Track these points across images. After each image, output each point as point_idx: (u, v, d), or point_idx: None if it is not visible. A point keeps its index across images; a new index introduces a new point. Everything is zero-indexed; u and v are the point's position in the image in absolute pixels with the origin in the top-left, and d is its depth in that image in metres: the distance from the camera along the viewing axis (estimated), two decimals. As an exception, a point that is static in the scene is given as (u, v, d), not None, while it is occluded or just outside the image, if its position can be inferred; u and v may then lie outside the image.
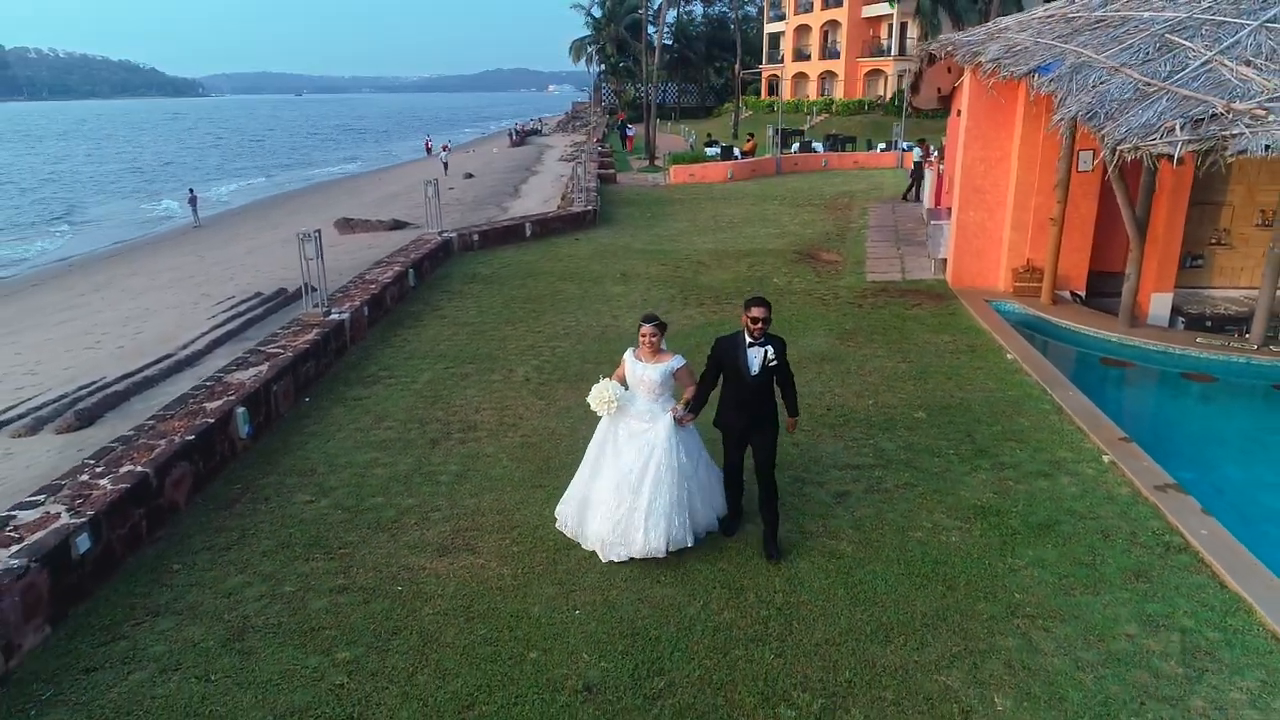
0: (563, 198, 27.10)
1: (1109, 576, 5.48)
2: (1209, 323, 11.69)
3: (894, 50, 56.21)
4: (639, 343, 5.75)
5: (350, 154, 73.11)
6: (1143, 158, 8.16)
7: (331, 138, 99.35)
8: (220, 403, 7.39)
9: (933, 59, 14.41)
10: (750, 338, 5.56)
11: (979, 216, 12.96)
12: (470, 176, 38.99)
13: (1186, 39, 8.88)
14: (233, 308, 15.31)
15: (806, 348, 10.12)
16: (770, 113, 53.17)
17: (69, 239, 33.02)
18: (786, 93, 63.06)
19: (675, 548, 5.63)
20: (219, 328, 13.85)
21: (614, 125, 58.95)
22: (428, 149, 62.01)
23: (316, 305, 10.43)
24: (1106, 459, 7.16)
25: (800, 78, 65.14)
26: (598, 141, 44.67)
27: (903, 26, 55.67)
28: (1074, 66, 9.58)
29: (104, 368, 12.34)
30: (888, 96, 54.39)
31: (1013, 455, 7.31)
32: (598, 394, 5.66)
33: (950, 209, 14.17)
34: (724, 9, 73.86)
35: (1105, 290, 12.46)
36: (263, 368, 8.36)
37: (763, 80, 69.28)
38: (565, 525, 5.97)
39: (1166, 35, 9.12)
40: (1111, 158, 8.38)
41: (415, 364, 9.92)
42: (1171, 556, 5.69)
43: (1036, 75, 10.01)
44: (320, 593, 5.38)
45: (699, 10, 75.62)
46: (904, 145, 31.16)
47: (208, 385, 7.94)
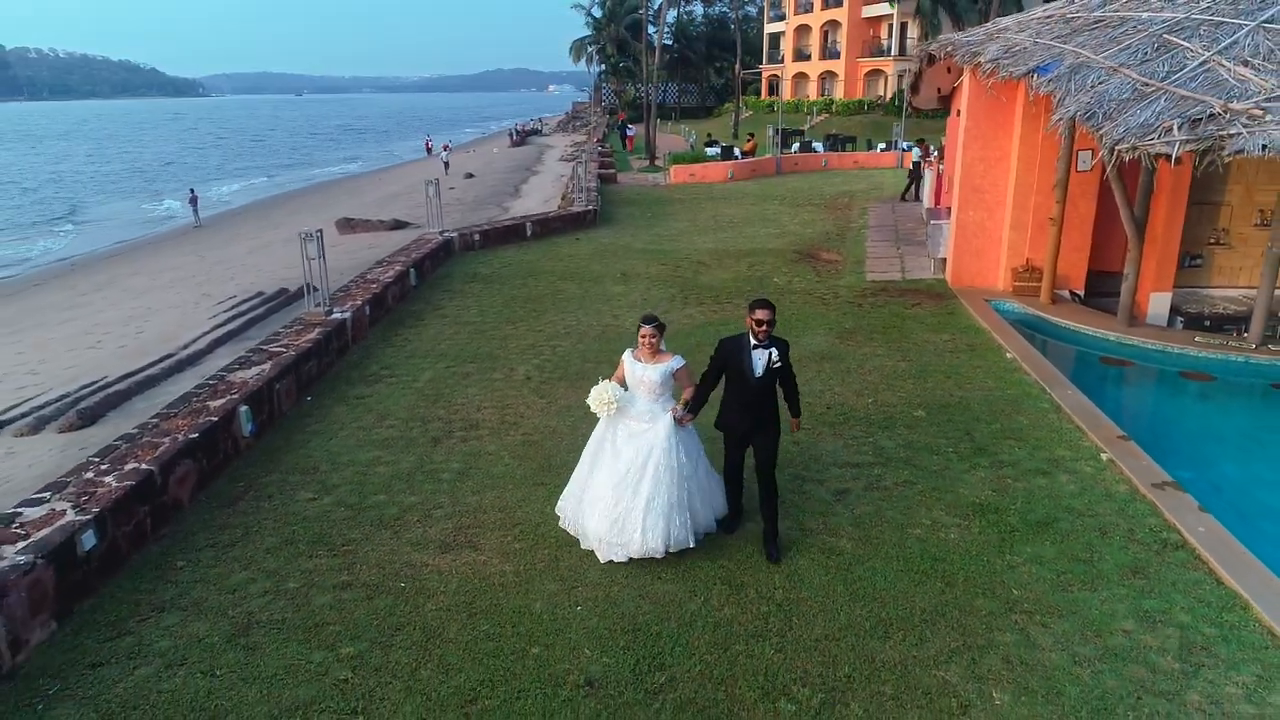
0: (563, 198, 27.14)
1: (1106, 573, 5.52)
2: (1208, 322, 11.74)
3: (894, 50, 56.26)
4: (638, 343, 5.74)
5: (351, 154, 73.14)
6: (1141, 157, 8.20)
7: (333, 138, 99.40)
8: (223, 401, 7.43)
9: (932, 59, 14.44)
10: (755, 339, 5.57)
11: (978, 216, 13.00)
12: (471, 176, 39.04)
13: (1184, 39, 8.92)
14: (234, 307, 15.35)
15: (806, 347, 10.16)
16: (770, 113, 53.23)
17: (72, 239, 33.07)
18: (786, 93, 63.10)
19: (677, 548, 5.62)
20: (220, 327, 13.89)
21: (614, 125, 58.98)
22: (428, 149, 62.07)
23: (318, 304, 10.47)
24: (1105, 457, 7.20)
25: (800, 78, 65.19)
26: (598, 141, 44.72)
27: (903, 26, 55.72)
28: (1073, 67, 9.62)
29: (106, 367, 12.38)
30: (888, 96, 54.43)
31: (1011, 453, 7.35)
32: (597, 395, 5.65)
33: (950, 209, 14.21)
34: (724, 9, 73.90)
35: (1104, 290, 12.50)
36: (265, 366, 8.40)
37: (763, 80, 69.33)
38: (566, 523, 6.01)
39: (1165, 36, 9.16)
40: (1110, 158, 8.42)
41: (417, 363, 9.96)
42: (1169, 553, 5.73)
43: (1035, 75, 10.05)
44: (324, 589, 5.43)
45: (699, 10, 75.77)
46: (904, 145, 31.20)
47: (211, 384, 7.98)
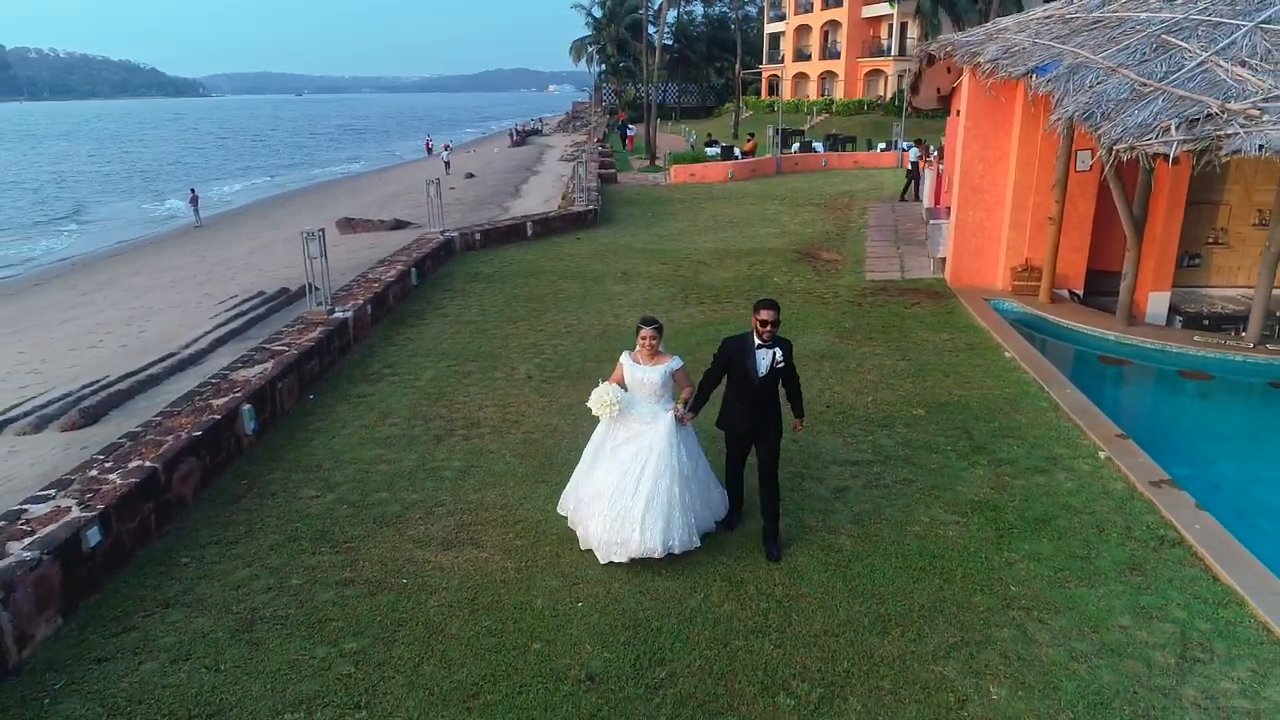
0: (564, 197, 27.19)
1: (1103, 570, 5.57)
2: (1206, 321, 11.77)
3: (894, 50, 56.30)
4: (637, 345, 5.71)
5: (353, 154, 73.18)
6: (1139, 157, 8.24)
7: (335, 138, 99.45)
8: (226, 399, 7.47)
9: (932, 59, 14.48)
10: (759, 339, 5.58)
11: (978, 216, 13.05)
12: (471, 176, 39.09)
13: (1183, 40, 8.96)
14: (235, 307, 15.39)
15: (806, 346, 10.19)
16: (770, 113, 53.27)
17: (75, 238, 33.13)
18: (787, 93, 63.13)
19: (682, 550, 5.58)
20: (222, 327, 13.93)
21: (614, 125, 59.03)
22: (428, 149, 62.11)
23: (320, 303, 10.51)
24: (1102, 455, 7.25)
25: (800, 78, 65.23)
26: (598, 141, 44.78)
27: (903, 27, 55.76)
28: (1071, 67, 9.66)
29: (107, 366, 12.42)
30: (888, 96, 54.47)
31: (1010, 451, 7.39)
32: (599, 398, 5.62)
33: (949, 208, 14.25)
34: (724, 9, 73.96)
35: (1103, 289, 12.54)
36: (268, 365, 8.44)
37: (763, 80, 69.36)
38: (568, 518, 6.03)
39: (1163, 36, 9.20)
40: (1108, 157, 8.47)
41: (418, 362, 10.01)
42: (1165, 550, 5.78)
43: (1034, 76, 10.09)
44: (327, 585, 5.47)
45: (699, 10, 75.85)
46: (904, 145, 31.23)
47: (214, 382, 8.02)
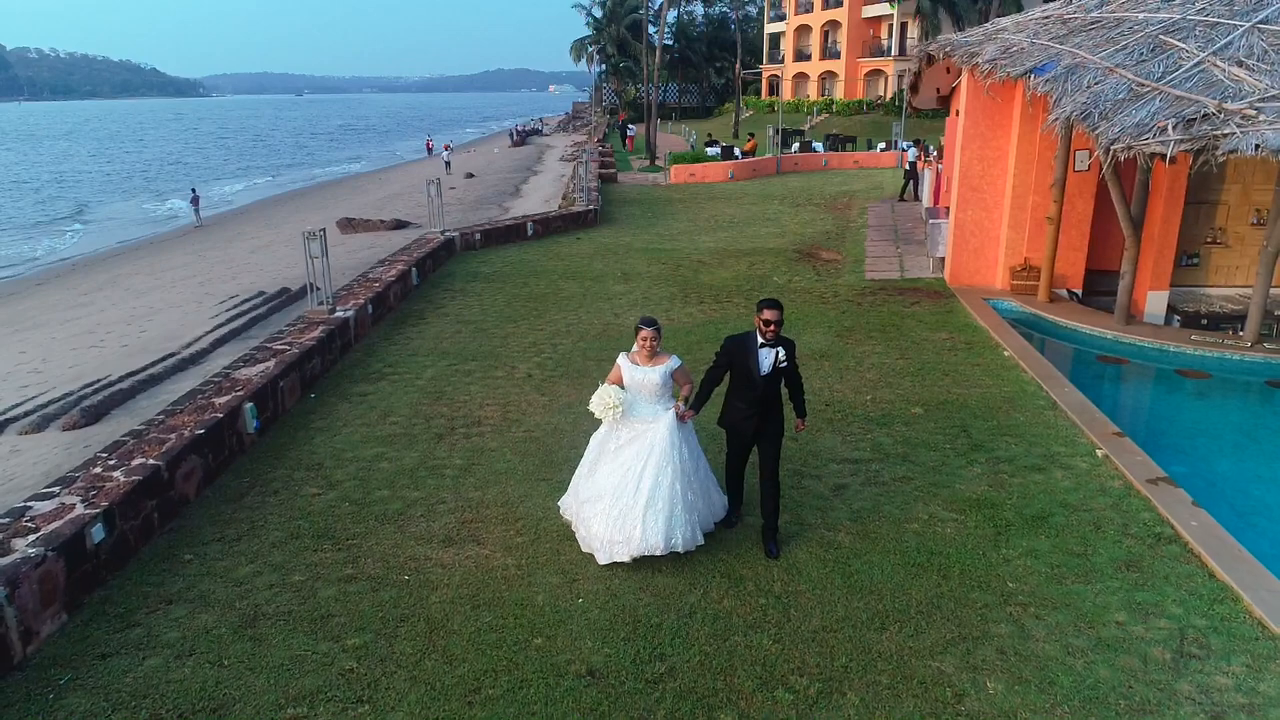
0: (564, 197, 27.23)
1: (1100, 566, 5.61)
2: (1204, 320, 11.81)
3: (894, 50, 56.35)
4: (636, 346, 5.68)
5: (355, 154, 73.21)
6: (1136, 157, 8.29)
7: (335, 138, 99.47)
8: (228, 398, 7.51)
9: (931, 59, 14.51)
10: (762, 339, 5.60)
11: (977, 215, 13.09)
12: (471, 176, 39.14)
13: (1180, 40, 9.01)
14: (236, 306, 15.45)
15: (806, 345, 10.23)
16: (771, 113, 53.33)
17: (79, 238, 33.19)
18: (787, 93, 63.20)
19: (686, 548, 5.58)
20: (222, 326, 13.98)
21: (615, 125, 59.11)
22: (429, 149, 62.17)
23: (321, 303, 10.55)
24: (1100, 453, 7.28)
25: (801, 78, 65.29)
26: (598, 141, 44.82)
27: (903, 27, 55.82)
28: (1069, 67, 9.70)
29: (109, 366, 12.47)
30: (888, 96, 54.53)
31: (1008, 450, 7.43)
32: (600, 400, 5.57)
33: (948, 208, 14.29)
34: (725, 9, 74.03)
35: (1102, 289, 12.58)
36: (269, 364, 8.48)
37: (763, 80, 69.42)
38: (571, 524, 5.99)
39: (1160, 36, 9.24)
40: (1106, 157, 8.51)
41: (419, 361, 10.05)
42: (1162, 547, 5.82)
43: (1033, 76, 10.13)
44: (329, 582, 5.51)
45: (700, 10, 75.92)
46: (903, 145, 31.29)
47: (216, 381, 8.06)
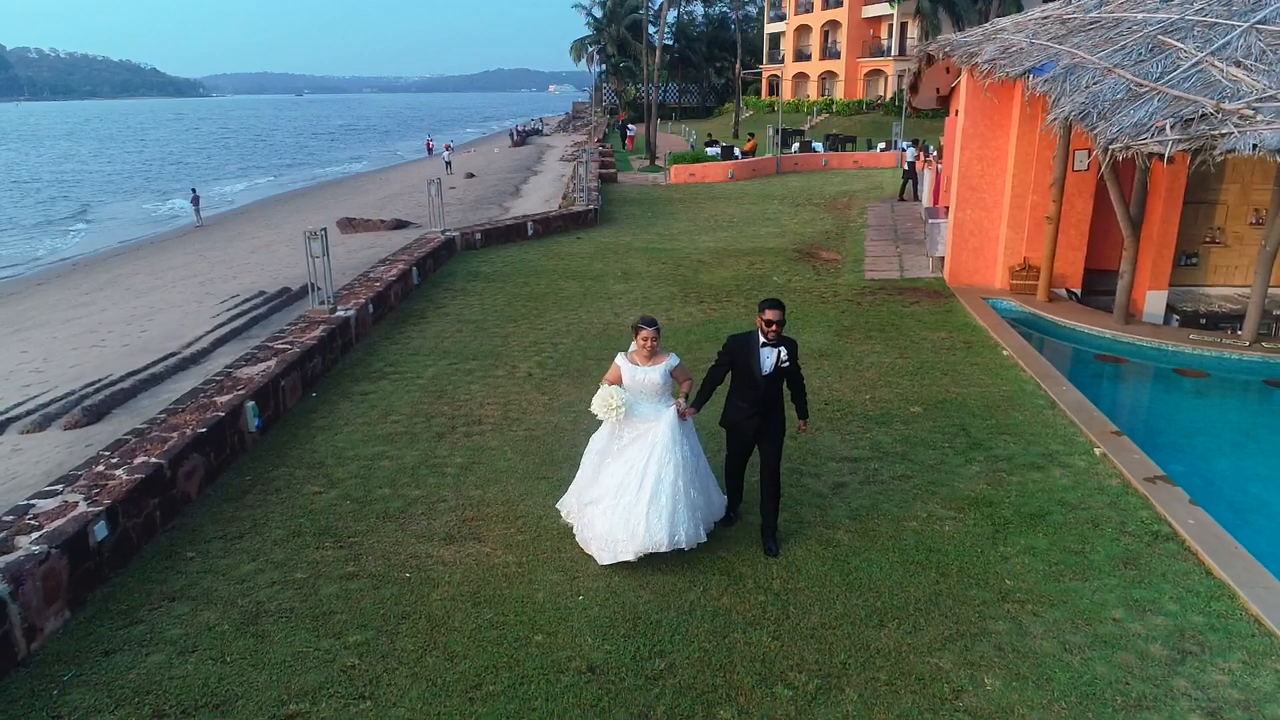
0: (564, 197, 27.27)
1: (1098, 564, 5.63)
2: (1203, 320, 11.84)
3: (894, 50, 56.39)
4: (636, 346, 5.66)
5: (356, 154, 73.24)
6: (1135, 157, 8.32)
7: (336, 138, 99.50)
8: (230, 397, 7.54)
9: (931, 59, 14.54)
10: (764, 339, 5.61)
11: (976, 215, 13.12)
12: (472, 176, 39.16)
13: (1178, 40, 9.03)
14: (236, 306, 15.48)
15: (806, 344, 10.24)
16: (771, 113, 53.36)
17: (83, 237, 33.26)
18: (787, 93, 63.24)
19: (689, 544, 5.58)
20: (223, 326, 14.01)
21: (615, 125, 59.14)
22: (429, 149, 62.20)
23: (322, 302, 10.58)
24: (1098, 451, 7.31)
25: (801, 78, 65.32)
26: (598, 141, 44.84)
27: (903, 27, 55.85)
28: (1068, 67, 9.73)
29: (110, 365, 12.50)
30: (888, 96, 54.57)
31: (1006, 448, 7.46)
32: (603, 401, 5.52)
33: (948, 208, 14.32)
34: (725, 9, 74.06)
35: (1101, 288, 12.61)
36: (271, 363, 8.51)
37: (763, 80, 69.45)
38: (573, 528, 5.95)
39: (1159, 36, 9.27)
40: (1104, 157, 8.54)
41: (420, 360, 10.08)
42: (1159, 545, 5.84)
43: (1031, 76, 10.16)
44: (331, 579, 5.54)
45: (700, 10, 75.95)
46: (903, 145, 31.34)
47: (218, 380, 8.09)
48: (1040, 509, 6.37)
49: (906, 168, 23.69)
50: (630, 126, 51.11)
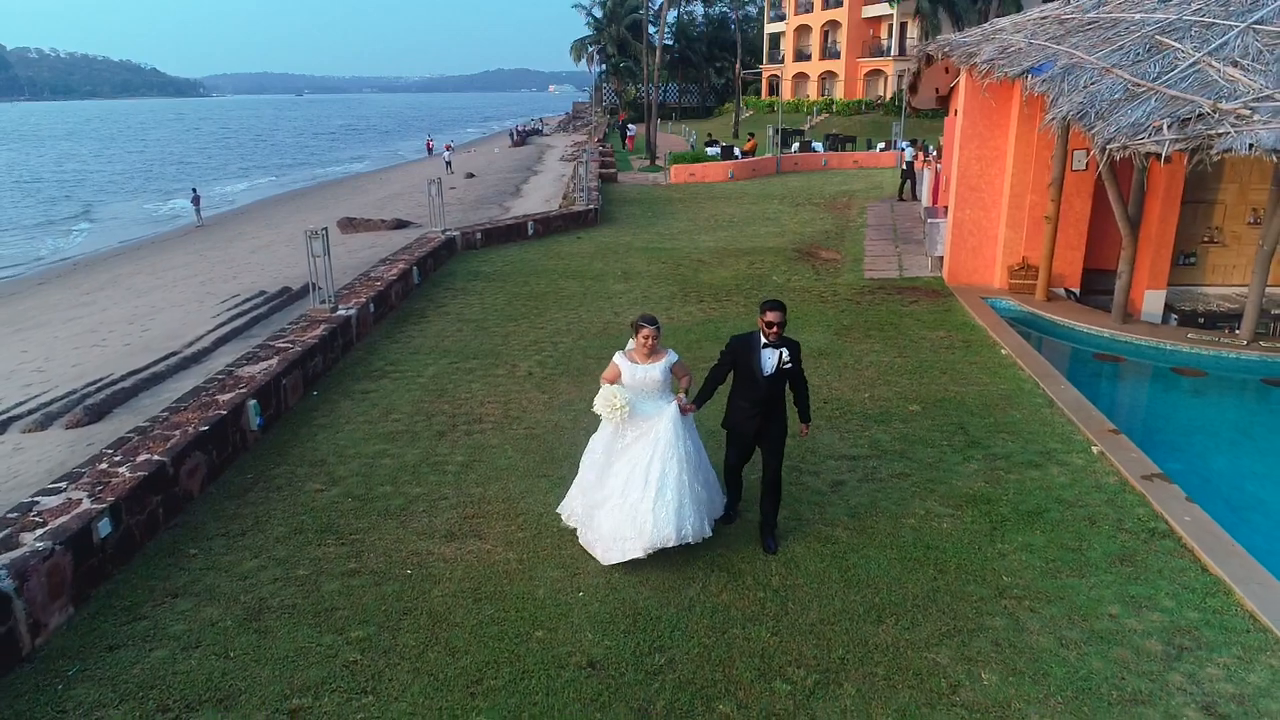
0: (564, 197, 27.30)
1: (1094, 560, 5.67)
2: (1201, 319, 11.88)
3: (894, 50, 56.42)
4: (637, 344, 5.68)
5: (358, 153, 73.29)
6: (1132, 157, 8.35)
7: (337, 137, 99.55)
8: (232, 395, 7.58)
9: (930, 59, 14.58)
10: (765, 340, 5.63)
11: (975, 215, 13.16)
12: (472, 176, 39.18)
13: (1176, 40, 9.07)
14: (237, 306, 15.51)
15: (805, 343, 10.22)
16: (770, 113, 53.39)
17: (87, 237, 33.31)
18: (787, 93, 63.29)
19: (695, 538, 5.58)
20: (224, 325, 14.05)
21: (615, 125, 59.19)
22: (429, 149, 62.24)
23: (323, 301, 10.62)
24: (1095, 450, 7.35)
25: (800, 78, 65.36)
26: (599, 141, 44.87)
27: (903, 27, 55.89)
28: (1066, 67, 9.76)
29: (111, 364, 12.54)
30: (888, 96, 54.60)
31: (1004, 446, 7.50)
32: (606, 401, 5.51)
33: (947, 207, 14.35)
34: (725, 9, 74.09)
35: (1100, 287, 12.64)
36: (272, 362, 8.55)
37: (763, 80, 69.49)
38: (577, 531, 5.94)
39: (1156, 37, 9.31)
40: (1102, 157, 8.57)
41: (420, 359, 10.11)
42: (1156, 541, 5.88)
43: (1030, 76, 10.19)
44: (333, 576, 5.58)
45: (700, 10, 75.98)
46: (902, 145, 31.39)
47: (219, 379, 8.13)
48: (1038, 506, 6.41)
49: (905, 167, 23.76)
50: (630, 126, 51.16)
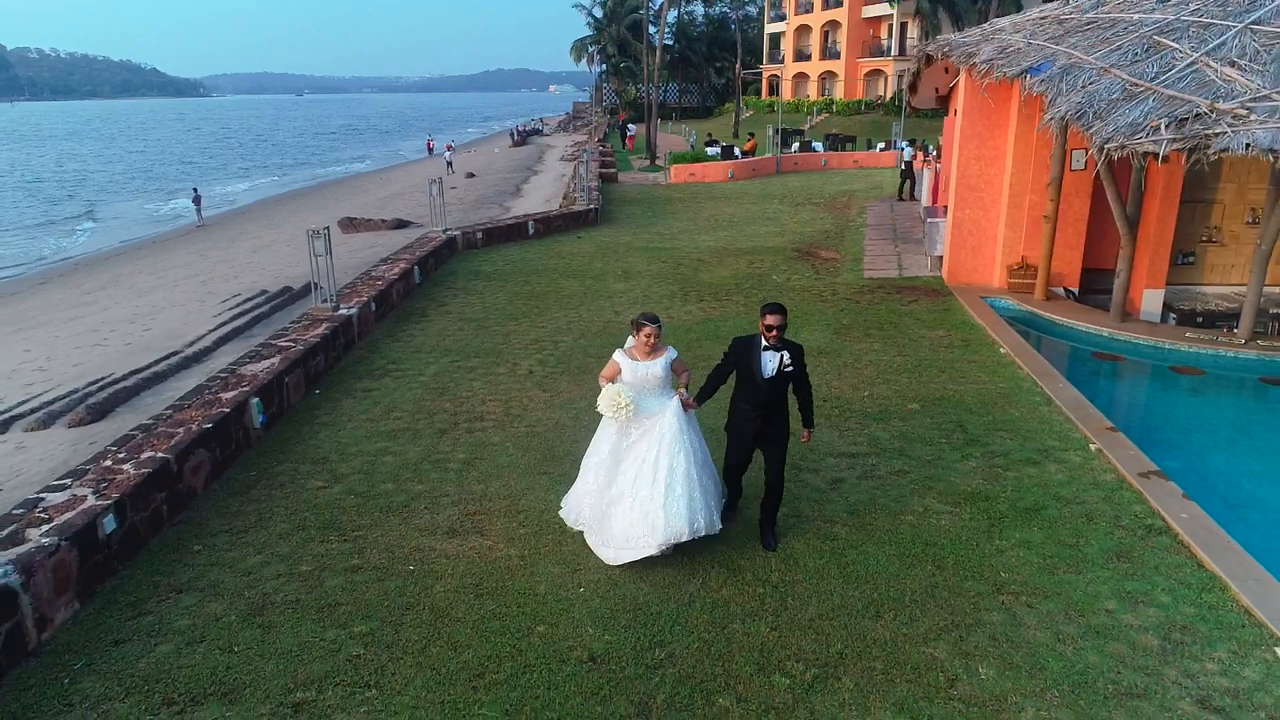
0: (565, 197, 27.34)
1: (1091, 557, 5.72)
2: (1200, 318, 11.93)
3: (894, 50, 56.48)
4: (638, 342, 5.71)
5: (359, 153, 73.34)
6: (1130, 156, 8.39)
7: (339, 137, 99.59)
8: (235, 393, 7.62)
9: (930, 59, 14.62)
10: (765, 342, 5.65)
11: (974, 214, 13.20)
12: (472, 176, 39.22)
13: (1174, 40, 9.11)
14: (238, 305, 15.56)
15: (805, 342, 10.23)
16: (770, 112, 53.43)
17: (91, 236, 33.37)
18: (787, 93, 63.34)
19: (708, 531, 5.57)
20: (225, 325, 14.09)
21: (615, 125, 59.25)
22: (429, 149, 62.30)
23: (325, 300, 10.66)
24: (1093, 447, 7.39)
25: (801, 78, 65.42)
26: (599, 141, 44.91)
27: (903, 27, 55.94)
28: (1064, 67, 9.81)
29: (113, 364, 12.58)
30: (888, 96, 54.65)
31: (1002, 444, 7.54)
32: (610, 400, 5.51)
33: (946, 207, 14.40)
34: (725, 9, 74.13)
35: (1099, 287, 12.69)
36: (275, 360, 8.59)
37: (763, 80, 69.53)
38: (584, 534, 5.93)
39: (1154, 37, 9.35)
40: (1100, 156, 8.62)
41: (422, 358, 10.16)
42: (1152, 538, 5.93)
43: (1028, 76, 10.24)
44: (336, 572, 5.62)
45: (700, 10, 76.02)
46: (902, 145, 31.44)
47: (222, 377, 8.17)
48: (1035, 503, 6.46)
49: (904, 167, 23.83)
50: (630, 126, 51.23)
